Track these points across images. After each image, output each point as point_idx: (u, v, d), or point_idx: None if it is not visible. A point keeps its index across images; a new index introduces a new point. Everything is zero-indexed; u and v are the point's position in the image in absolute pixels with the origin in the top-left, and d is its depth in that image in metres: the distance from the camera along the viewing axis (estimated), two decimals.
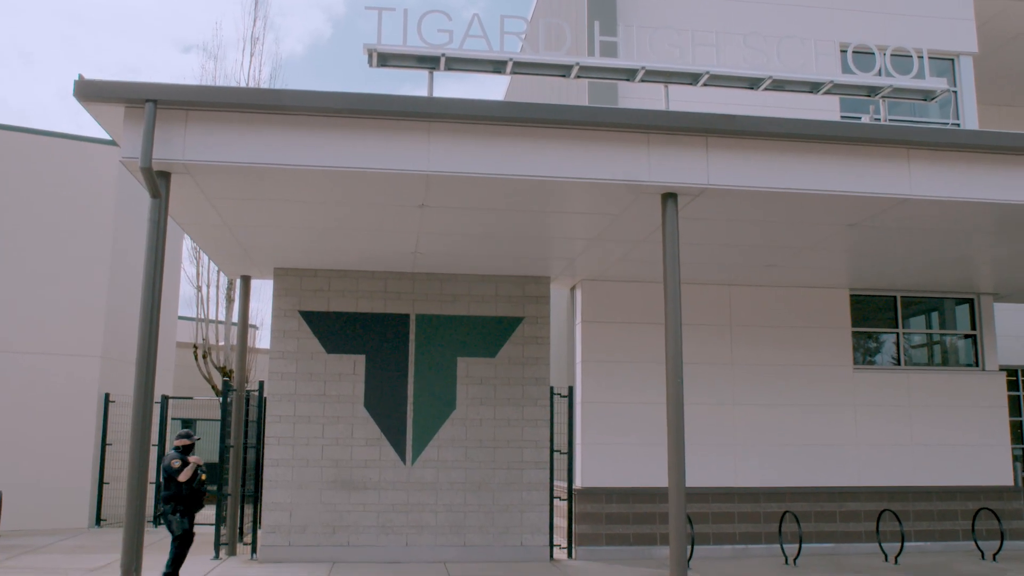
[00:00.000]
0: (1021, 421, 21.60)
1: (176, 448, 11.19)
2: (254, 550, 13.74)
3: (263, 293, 36.47)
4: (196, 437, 11.38)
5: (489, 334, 14.38)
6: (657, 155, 9.75)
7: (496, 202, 10.56)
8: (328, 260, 13.72)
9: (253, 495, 14.54)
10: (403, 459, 13.89)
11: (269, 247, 13.03)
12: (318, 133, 9.32)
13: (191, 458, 11.08)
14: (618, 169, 9.67)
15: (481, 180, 9.63)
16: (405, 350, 14.21)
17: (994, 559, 14.15)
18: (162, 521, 10.57)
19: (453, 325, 14.36)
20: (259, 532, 13.88)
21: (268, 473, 13.65)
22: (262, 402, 14.73)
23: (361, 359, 14.09)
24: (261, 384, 14.74)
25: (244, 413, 14.58)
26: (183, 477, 10.90)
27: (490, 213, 11.04)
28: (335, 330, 14.13)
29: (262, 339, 31.55)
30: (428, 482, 13.87)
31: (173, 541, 11.05)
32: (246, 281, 15.35)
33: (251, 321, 32.16)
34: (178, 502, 10.94)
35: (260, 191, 10.30)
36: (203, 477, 11.18)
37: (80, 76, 8.86)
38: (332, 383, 13.98)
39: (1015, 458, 18.30)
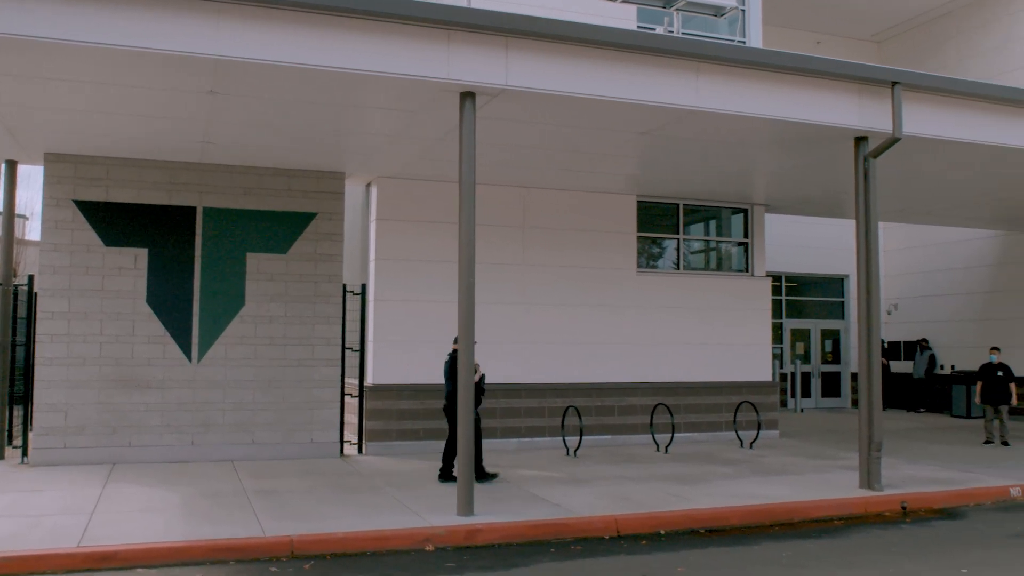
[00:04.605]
0: (781, 323, 23.57)
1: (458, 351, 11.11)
2: (25, 453, 13.02)
3: (33, 180, 33.78)
4: None
5: (281, 230, 14.01)
6: (457, 53, 9.66)
7: (291, 93, 10.14)
8: (107, 146, 12.81)
9: (23, 396, 13.69)
10: (189, 357, 13.46)
11: (38, 130, 11.98)
12: (95, 6, 8.53)
13: None
14: (418, 65, 9.51)
15: (274, 68, 9.18)
16: (191, 244, 13.62)
17: (751, 447, 15.53)
18: (444, 413, 11.83)
19: (243, 219, 13.87)
20: (31, 434, 13.15)
21: (40, 372, 12.88)
22: (32, 297, 13.78)
23: (143, 253, 13.40)
24: (31, 278, 13.77)
25: (12, 309, 13.62)
26: (475, 379, 11.17)
27: (284, 104, 10.59)
28: (115, 222, 13.32)
29: (32, 230, 29.40)
30: (216, 380, 13.54)
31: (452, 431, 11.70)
32: (12, 166, 14.10)
33: (19, 211, 29.76)
34: None
35: (26, 67, 9.37)
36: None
37: None
38: (111, 278, 13.24)
39: (774, 356, 19.96)
